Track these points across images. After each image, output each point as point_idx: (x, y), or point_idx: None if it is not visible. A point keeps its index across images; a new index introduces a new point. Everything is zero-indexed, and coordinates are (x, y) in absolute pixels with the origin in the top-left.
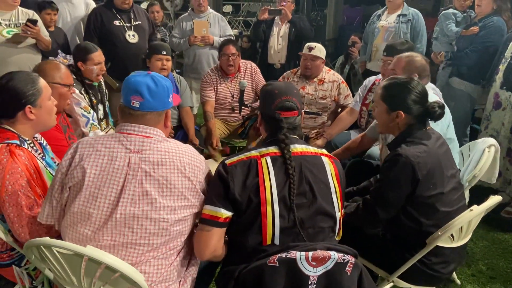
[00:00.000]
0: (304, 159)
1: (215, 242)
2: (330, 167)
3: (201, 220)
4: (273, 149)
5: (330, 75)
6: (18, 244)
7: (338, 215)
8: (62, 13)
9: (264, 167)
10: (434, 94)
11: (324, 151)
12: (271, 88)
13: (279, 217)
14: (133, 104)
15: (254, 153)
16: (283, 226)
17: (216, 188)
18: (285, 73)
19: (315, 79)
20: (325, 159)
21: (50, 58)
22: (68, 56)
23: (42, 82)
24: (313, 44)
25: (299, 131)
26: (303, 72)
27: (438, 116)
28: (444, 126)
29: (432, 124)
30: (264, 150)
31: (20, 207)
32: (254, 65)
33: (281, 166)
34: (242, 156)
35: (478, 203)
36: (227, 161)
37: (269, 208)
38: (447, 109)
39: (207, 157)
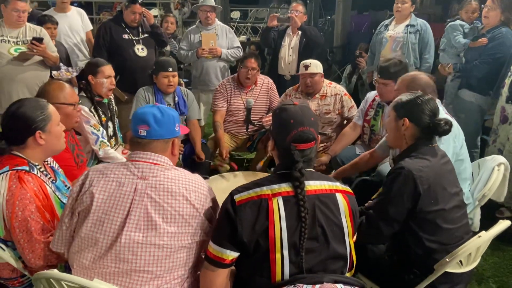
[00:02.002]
0: (318, 199)
1: (220, 282)
2: (344, 205)
3: (206, 258)
4: (285, 187)
5: (332, 88)
6: (28, 271)
7: (349, 253)
8: (60, 28)
9: (275, 210)
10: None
11: (339, 185)
12: (286, 117)
13: (288, 263)
14: (140, 133)
15: (265, 190)
16: (293, 272)
17: (223, 228)
18: (287, 90)
19: (317, 95)
20: (339, 197)
21: (53, 71)
22: (70, 69)
23: (51, 108)
24: (307, 61)
25: (314, 161)
26: (305, 91)
27: (443, 132)
28: (457, 147)
29: (444, 146)
30: (276, 188)
31: (30, 233)
32: (271, 81)
33: (293, 207)
34: (252, 193)
35: (486, 219)
36: (236, 198)
37: (278, 255)
38: (460, 130)
39: (214, 170)
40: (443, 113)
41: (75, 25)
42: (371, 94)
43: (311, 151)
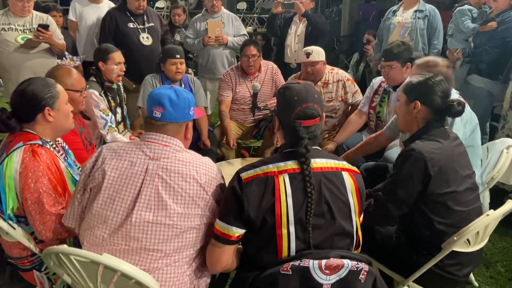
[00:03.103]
0: (324, 176)
1: (226, 259)
2: (350, 183)
3: (213, 235)
4: (291, 165)
5: (333, 74)
6: (39, 249)
7: (356, 231)
8: (88, 17)
9: (282, 186)
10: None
11: (345, 164)
12: (289, 95)
13: (295, 239)
14: (155, 114)
15: (271, 168)
16: (299, 248)
17: (230, 205)
18: (288, 78)
19: (319, 83)
20: (345, 175)
21: (57, 60)
22: (75, 58)
23: (59, 87)
24: (309, 48)
25: (319, 139)
26: (306, 78)
27: (456, 113)
28: (467, 132)
29: (454, 130)
30: (282, 165)
31: (41, 205)
32: (275, 66)
33: (299, 184)
34: (258, 171)
35: (495, 204)
36: (243, 176)
37: (284, 231)
38: (473, 115)
39: (221, 157)
40: (456, 96)
41: (102, 16)
42: (377, 80)
43: (316, 127)
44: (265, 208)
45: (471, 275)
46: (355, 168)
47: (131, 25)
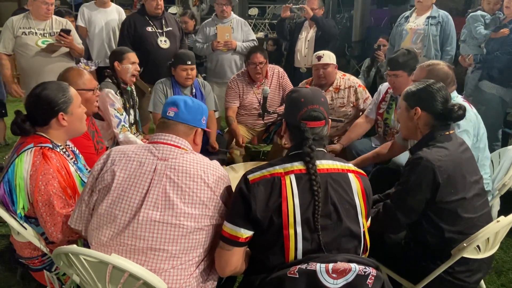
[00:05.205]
0: (330, 177)
1: (235, 261)
2: (356, 185)
3: (221, 237)
4: (297, 166)
5: (345, 80)
6: (49, 249)
7: (363, 233)
8: (97, 22)
9: (288, 187)
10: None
11: (351, 166)
12: (296, 96)
13: (302, 240)
14: (169, 114)
15: (278, 169)
16: (306, 249)
17: (237, 207)
18: (300, 84)
19: (331, 88)
20: (351, 176)
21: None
22: (89, 63)
23: (72, 90)
24: (320, 52)
25: (325, 141)
26: (318, 82)
27: (457, 117)
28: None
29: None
30: (288, 166)
31: (52, 207)
32: (281, 69)
33: (305, 184)
34: (265, 172)
35: (507, 210)
36: (250, 177)
37: (291, 231)
38: (479, 121)
39: (230, 161)
40: (460, 100)
41: (111, 22)
42: (384, 86)
43: (321, 130)
44: (272, 208)
45: (482, 283)
46: (361, 170)
47: (149, 28)
